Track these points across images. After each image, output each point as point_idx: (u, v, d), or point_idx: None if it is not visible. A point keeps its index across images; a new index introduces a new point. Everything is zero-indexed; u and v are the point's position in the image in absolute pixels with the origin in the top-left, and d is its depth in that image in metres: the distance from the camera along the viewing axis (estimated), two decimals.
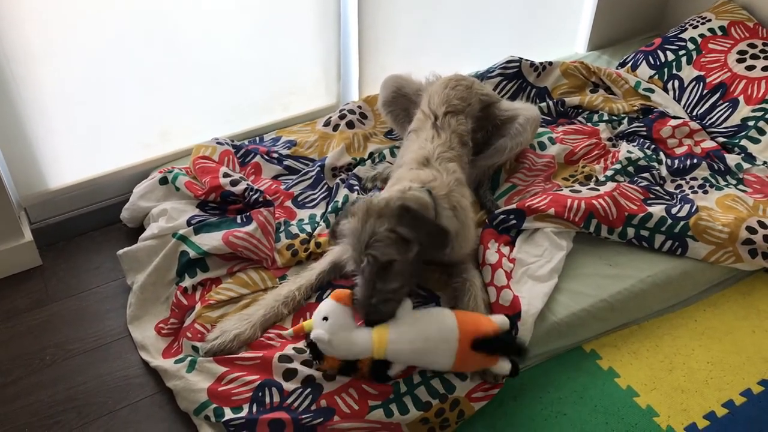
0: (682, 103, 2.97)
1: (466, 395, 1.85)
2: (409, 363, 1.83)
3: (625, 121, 2.84)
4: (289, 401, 1.79)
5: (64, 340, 2.13)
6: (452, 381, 1.85)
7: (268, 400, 1.80)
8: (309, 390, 1.81)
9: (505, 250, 2.20)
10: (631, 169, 2.56)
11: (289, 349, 1.88)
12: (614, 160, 2.61)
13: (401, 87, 2.54)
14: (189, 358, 1.91)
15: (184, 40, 2.46)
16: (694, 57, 2.99)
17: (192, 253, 2.11)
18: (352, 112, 2.78)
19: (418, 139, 2.23)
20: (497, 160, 2.46)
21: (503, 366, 1.85)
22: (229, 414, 1.78)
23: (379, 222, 1.79)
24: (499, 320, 1.91)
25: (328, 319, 1.79)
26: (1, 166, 2.29)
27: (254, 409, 1.79)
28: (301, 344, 1.90)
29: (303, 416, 1.76)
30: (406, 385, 1.83)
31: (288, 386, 1.81)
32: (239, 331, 1.92)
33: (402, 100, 2.53)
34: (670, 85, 3.02)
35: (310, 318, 1.86)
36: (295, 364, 1.85)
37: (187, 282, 2.10)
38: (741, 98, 2.80)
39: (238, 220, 2.21)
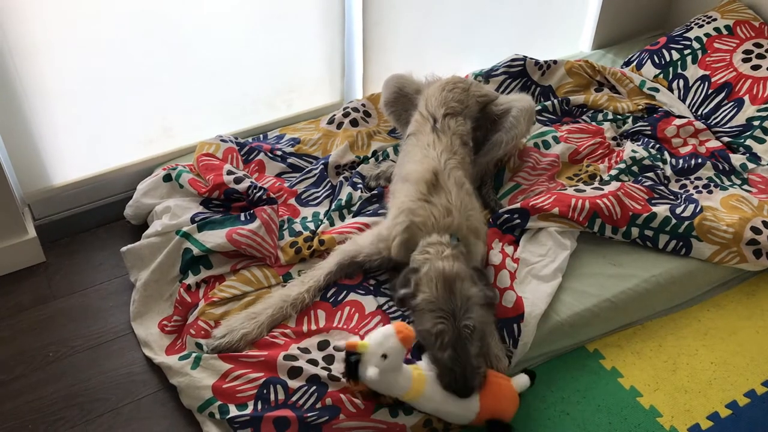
0: (687, 102, 2.96)
1: None
2: (427, 413, 1.82)
3: (630, 120, 2.83)
4: (294, 399, 1.79)
5: (68, 336, 2.14)
6: None
7: (273, 397, 1.80)
8: (314, 388, 1.81)
9: (509, 249, 2.20)
10: (635, 168, 2.55)
11: (293, 349, 1.88)
12: (618, 159, 2.61)
13: (403, 86, 2.53)
14: (194, 355, 1.91)
15: (188, 37, 2.46)
16: (700, 56, 2.98)
17: (195, 251, 2.11)
18: (356, 110, 2.78)
19: (419, 144, 2.22)
20: (495, 155, 2.44)
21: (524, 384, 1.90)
22: (233, 411, 1.79)
23: (466, 285, 1.78)
24: (521, 382, 1.91)
25: (387, 359, 1.71)
26: (5, 163, 2.29)
27: (259, 406, 1.79)
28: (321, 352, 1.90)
29: (308, 414, 1.76)
30: None
31: (293, 384, 1.81)
32: (246, 331, 1.92)
33: (404, 100, 2.52)
34: (675, 85, 3.01)
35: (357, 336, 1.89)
36: (300, 363, 1.85)
37: (191, 279, 2.10)
38: (746, 98, 2.79)
39: (242, 218, 2.21)
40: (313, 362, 1.86)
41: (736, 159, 2.65)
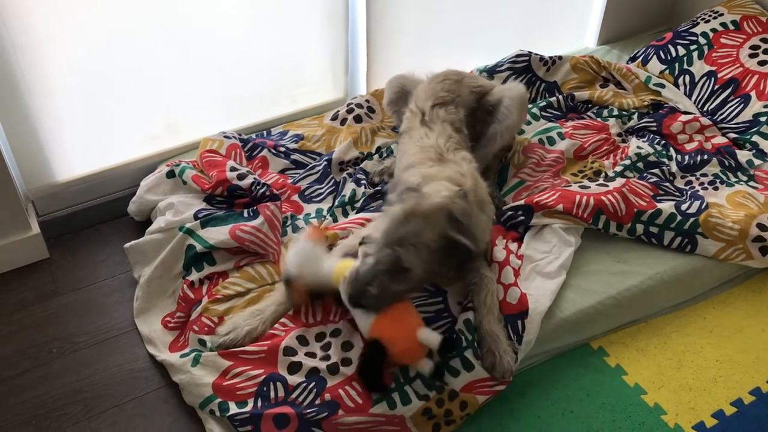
0: (693, 98, 2.94)
1: (462, 389, 1.84)
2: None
3: (635, 116, 2.81)
4: (293, 396, 1.79)
5: (71, 332, 2.14)
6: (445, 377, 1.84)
7: (272, 394, 1.80)
8: (313, 383, 1.81)
9: (513, 246, 2.19)
10: (640, 164, 2.54)
11: (292, 338, 1.88)
12: (624, 155, 2.59)
13: (404, 86, 2.52)
14: (194, 353, 1.91)
15: (191, 32, 2.46)
16: (706, 52, 2.96)
17: (199, 247, 2.11)
18: (359, 106, 2.77)
19: (412, 140, 2.20)
20: (492, 147, 2.42)
21: (424, 365, 1.80)
22: (233, 408, 1.79)
23: (425, 225, 1.72)
24: (429, 336, 1.77)
25: (297, 255, 1.90)
26: (8, 159, 2.29)
27: (259, 403, 1.79)
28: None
29: (307, 411, 1.76)
30: (404, 378, 1.83)
31: (292, 380, 1.82)
32: (251, 328, 1.92)
33: (406, 99, 2.51)
34: (680, 80, 2.99)
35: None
36: (299, 357, 1.85)
37: (194, 276, 2.10)
38: (753, 94, 2.77)
39: (245, 214, 2.21)
40: (311, 354, 1.86)
41: (743, 155, 2.63)
